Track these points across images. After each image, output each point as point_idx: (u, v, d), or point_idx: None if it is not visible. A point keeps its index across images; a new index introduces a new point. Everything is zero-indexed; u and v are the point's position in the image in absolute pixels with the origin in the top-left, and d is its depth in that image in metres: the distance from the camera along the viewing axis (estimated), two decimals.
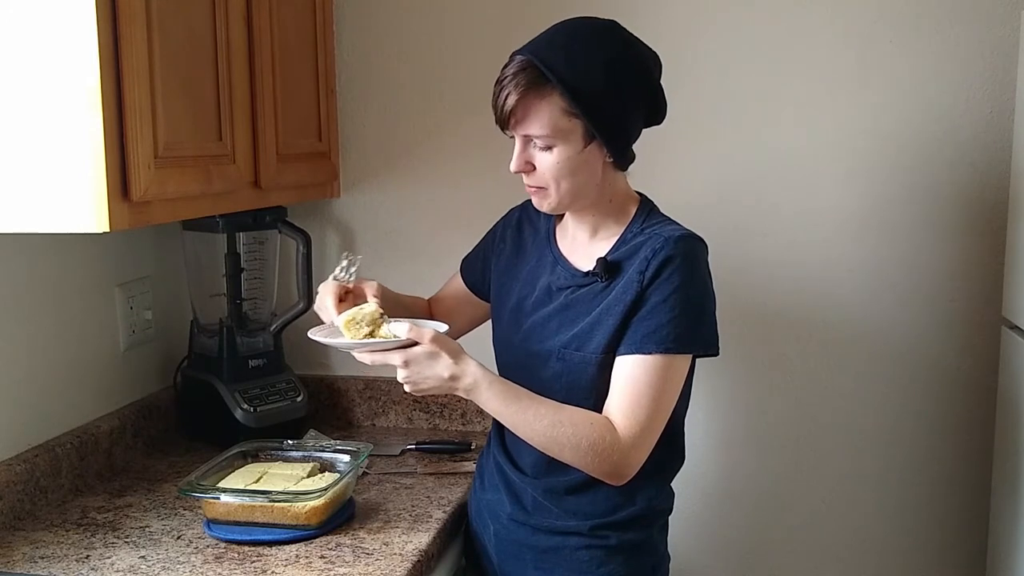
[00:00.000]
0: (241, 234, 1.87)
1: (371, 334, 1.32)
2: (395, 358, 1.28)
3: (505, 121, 1.31)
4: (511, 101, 1.28)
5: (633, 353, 1.30)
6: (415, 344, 1.28)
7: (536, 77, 1.27)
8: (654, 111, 1.37)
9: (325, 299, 1.40)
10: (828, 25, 1.79)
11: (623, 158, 1.36)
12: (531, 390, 1.34)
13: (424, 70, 1.95)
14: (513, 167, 1.34)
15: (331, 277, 1.42)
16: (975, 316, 1.82)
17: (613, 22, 1.33)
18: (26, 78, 1.20)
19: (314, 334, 1.38)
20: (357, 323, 1.31)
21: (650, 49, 1.35)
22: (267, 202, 1.67)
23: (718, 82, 1.84)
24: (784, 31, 1.81)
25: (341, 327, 1.32)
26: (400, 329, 1.31)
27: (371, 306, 1.34)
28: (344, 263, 1.43)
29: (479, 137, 1.92)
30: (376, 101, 1.98)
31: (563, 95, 1.26)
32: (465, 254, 1.63)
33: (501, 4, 1.89)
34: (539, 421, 1.30)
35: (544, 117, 1.28)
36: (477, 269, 1.59)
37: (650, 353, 1.29)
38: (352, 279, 1.42)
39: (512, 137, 1.34)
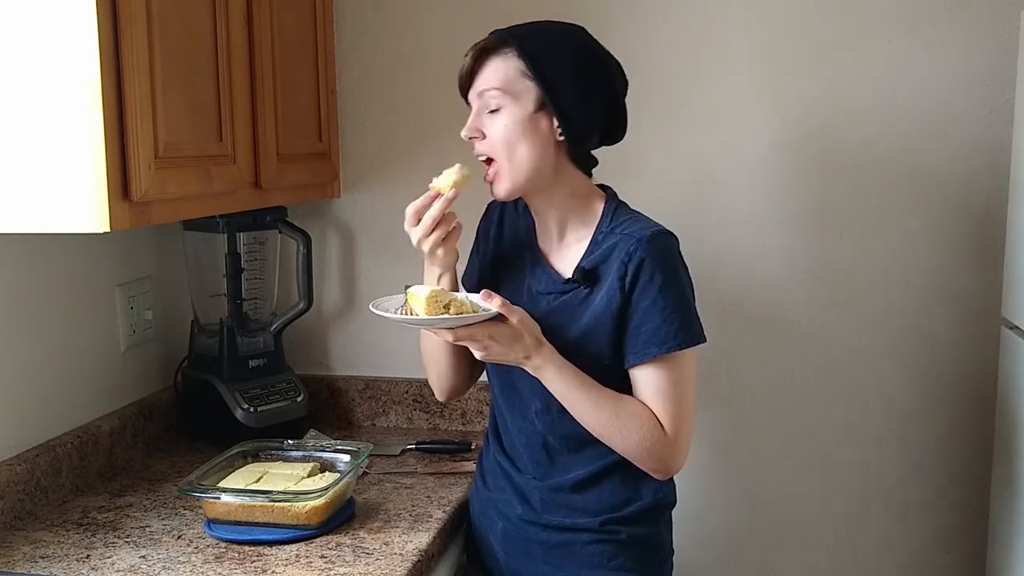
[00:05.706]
0: (241, 234, 1.87)
1: (447, 308, 1.29)
2: (482, 333, 1.29)
3: (465, 83, 1.37)
4: (469, 61, 1.35)
5: (642, 362, 1.34)
6: (501, 317, 1.29)
7: (497, 41, 1.34)
8: (614, 116, 1.38)
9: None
10: (827, 26, 1.79)
11: (576, 141, 1.35)
12: (522, 396, 1.40)
13: (424, 70, 1.95)
14: (464, 132, 1.37)
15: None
16: (975, 316, 1.82)
17: (581, 26, 1.39)
18: (26, 77, 1.20)
19: (398, 317, 1.33)
20: (438, 301, 1.29)
21: (615, 59, 1.38)
22: (267, 202, 1.68)
23: (712, 80, 1.84)
24: (783, 32, 1.81)
25: (423, 301, 1.28)
26: (478, 298, 1.32)
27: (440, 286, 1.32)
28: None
29: None
30: (376, 101, 1.98)
31: (520, 56, 1.31)
32: (463, 255, 1.62)
33: (501, 5, 1.89)
34: (598, 410, 1.34)
35: (500, 72, 1.33)
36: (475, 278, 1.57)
37: (658, 356, 1.32)
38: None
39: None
